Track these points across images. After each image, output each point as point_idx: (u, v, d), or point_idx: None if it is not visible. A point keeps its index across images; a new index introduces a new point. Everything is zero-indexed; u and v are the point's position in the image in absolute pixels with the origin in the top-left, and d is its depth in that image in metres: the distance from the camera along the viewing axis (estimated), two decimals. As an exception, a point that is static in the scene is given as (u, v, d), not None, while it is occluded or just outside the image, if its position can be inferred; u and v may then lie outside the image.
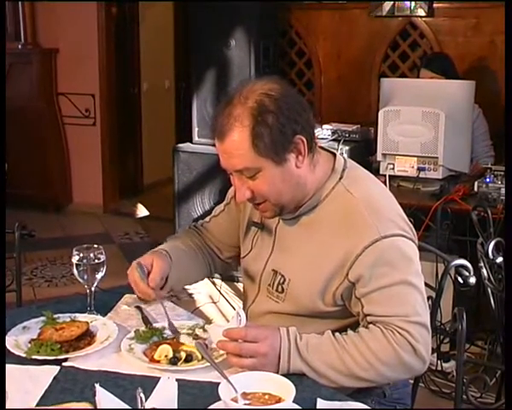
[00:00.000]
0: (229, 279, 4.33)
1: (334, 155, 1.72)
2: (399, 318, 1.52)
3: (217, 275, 4.18)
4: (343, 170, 1.67)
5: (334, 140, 3.83)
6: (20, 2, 5.81)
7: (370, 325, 1.55)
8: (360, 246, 1.54)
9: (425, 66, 3.90)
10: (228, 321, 3.80)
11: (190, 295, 4.18)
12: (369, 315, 1.56)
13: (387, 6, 4.62)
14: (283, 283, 1.68)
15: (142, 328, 1.69)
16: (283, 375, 1.41)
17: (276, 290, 1.70)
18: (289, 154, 1.57)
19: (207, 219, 2.03)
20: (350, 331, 1.56)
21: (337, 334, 1.55)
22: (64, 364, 1.54)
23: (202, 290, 4.20)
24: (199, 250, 1.96)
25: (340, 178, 1.66)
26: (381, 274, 1.54)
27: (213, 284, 4.29)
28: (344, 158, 1.72)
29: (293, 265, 1.67)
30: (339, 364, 1.50)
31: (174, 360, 1.53)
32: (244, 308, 1.85)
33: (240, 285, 4.23)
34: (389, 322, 1.53)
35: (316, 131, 1.69)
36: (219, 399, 1.29)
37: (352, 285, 1.57)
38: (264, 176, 1.57)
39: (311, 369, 1.49)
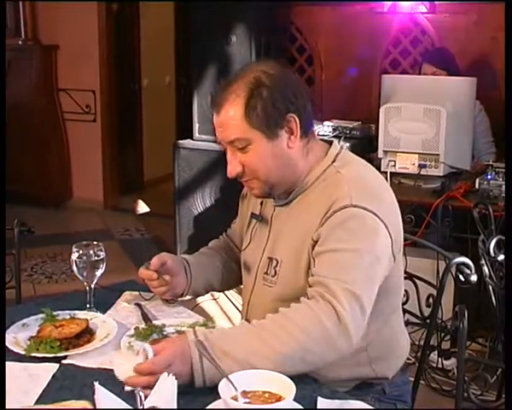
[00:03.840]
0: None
1: (331, 143, 1.73)
2: (335, 281, 1.46)
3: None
4: (337, 155, 1.68)
5: (334, 137, 3.82)
6: (20, -2, 5.81)
7: (292, 303, 1.49)
8: (331, 210, 1.55)
9: (427, 60, 3.88)
10: (228, 319, 3.79)
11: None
12: (312, 275, 1.53)
13: (389, 3, 4.61)
14: (276, 266, 1.69)
15: (142, 325, 1.69)
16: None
17: (271, 275, 1.70)
18: (281, 130, 1.61)
19: (232, 223, 2.04)
20: (269, 314, 1.49)
21: (254, 320, 1.49)
22: (63, 361, 1.54)
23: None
24: (227, 256, 1.97)
25: (333, 162, 1.67)
26: (338, 238, 1.53)
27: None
28: (341, 146, 1.73)
29: (284, 247, 1.68)
30: (258, 345, 1.41)
31: (174, 358, 1.52)
32: (244, 304, 1.84)
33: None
34: (323, 282, 1.47)
35: (314, 123, 1.71)
36: (219, 397, 1.29)
37: (315, 245, 1.57)
38: (254, 149, 1.60)
39: (229, 359, 1.38)
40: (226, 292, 4.18)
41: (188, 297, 1.87)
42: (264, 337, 1.42)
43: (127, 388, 1.37)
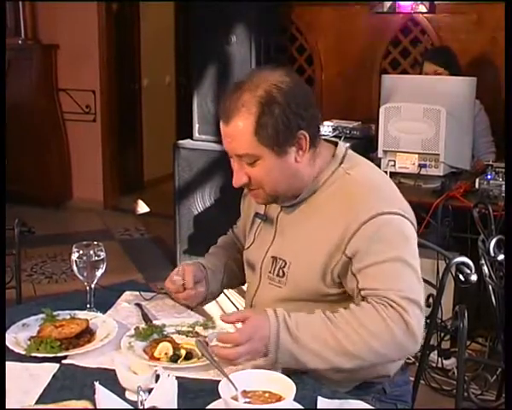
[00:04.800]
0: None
1: (336, 143, 1.74)
2: (394, 292, 1.51)
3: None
4: (343, 156, 1.69)
5: (334, 137, 3.82)
6: (20, -2, 5.81)
7: (362, 302, 1.54)
8: (358, 222, 1.55)
9: (429, 58, 3.87)
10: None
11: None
12: (363, 290, 1.55)
13: (388, 2, 4.61)
14: (284, 267, 1.68)
15: (142, 325, 1.69)
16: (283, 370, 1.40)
17: (278, 275, 1.70)
18: (290, 147, 1.60)
19: (235, 224, 2.06)
20: (341, 309, 1.54)
21: (328, 312, 1.53)
22: (63, 361, 1.54)
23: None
24: (236, 252, 1.99)
25: (340, 163, 1.68)
26: (378, 250, 1.54)
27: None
28: (346, 147, 1.74)
29: (294, 248, 1.68)
30: (330, 339, 1.48)
31: (174, 358, 1.53)
32: (247, 302, 1.84)
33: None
34: (383, 295, 1.51)
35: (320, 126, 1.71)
36: (219, 397, 1.29)
37: (349, 261, 1.57)
38: (262, 164, 1.60)
39: (301, 346, 1.47)
40: (226, 292, 4.18)
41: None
42: (337, 335, 1.48)
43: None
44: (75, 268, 1.78)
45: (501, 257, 2.29)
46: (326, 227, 1.60)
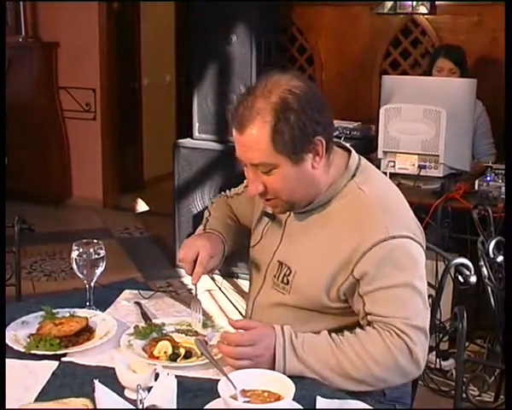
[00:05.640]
0: (229, 276, 4.33)
1: (350, 151, 1.72)
2: (400, 320, 1.52)
3: (216, 271, 4.18)
4: (356, 168, 1.67)
5: (334, 137, 3.82)
6: (21, -4, 5.80)
7: (368, 327, 1.55)
8: (368, 243, 1.54)
9: (445, 56, 3.83)
10: (226, 316, 3.78)
11: (189, 290, 4.17)
12: (369, 314, 1.56)
13: (389, 3, 4.61)
14: (289, 275, 1.68)
15: (142, 324, 1.69)
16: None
17: (282, 282, 1.70)
18: (307, 154, 1.57)
19: (231, 193, 2.01)
20: (347, 332, 1.56)
21: (333, 334, 1.55)
22: (63, 359, 1.54)
23: (201, 287, 4.19)
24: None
25: (353, 176, 1.66)
26: (387, 274, 1.54)
27: (213, 279, 4.28)
28: (359, 157, 1.72)
29: (300, 257, 1.67)
30: (334, 363, 1.50)
31: (173, 357, 1.53)
32: (249, 301, 1.85)
33: (239, 282, 4.23)
34: (389, 323, 1.52)
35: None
36: (219, 396, 1.29)
37: (356, 282, 1.57)
38: (279, 173, 1.57)
39: (307, 367, 1.49)
40: (225, 291, 4.18)
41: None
42: (340, 360, 1.50)
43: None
44: (75, 266, 1.78)
45: (500, 259, 2.29)
46: (334, 242, 1.60)
